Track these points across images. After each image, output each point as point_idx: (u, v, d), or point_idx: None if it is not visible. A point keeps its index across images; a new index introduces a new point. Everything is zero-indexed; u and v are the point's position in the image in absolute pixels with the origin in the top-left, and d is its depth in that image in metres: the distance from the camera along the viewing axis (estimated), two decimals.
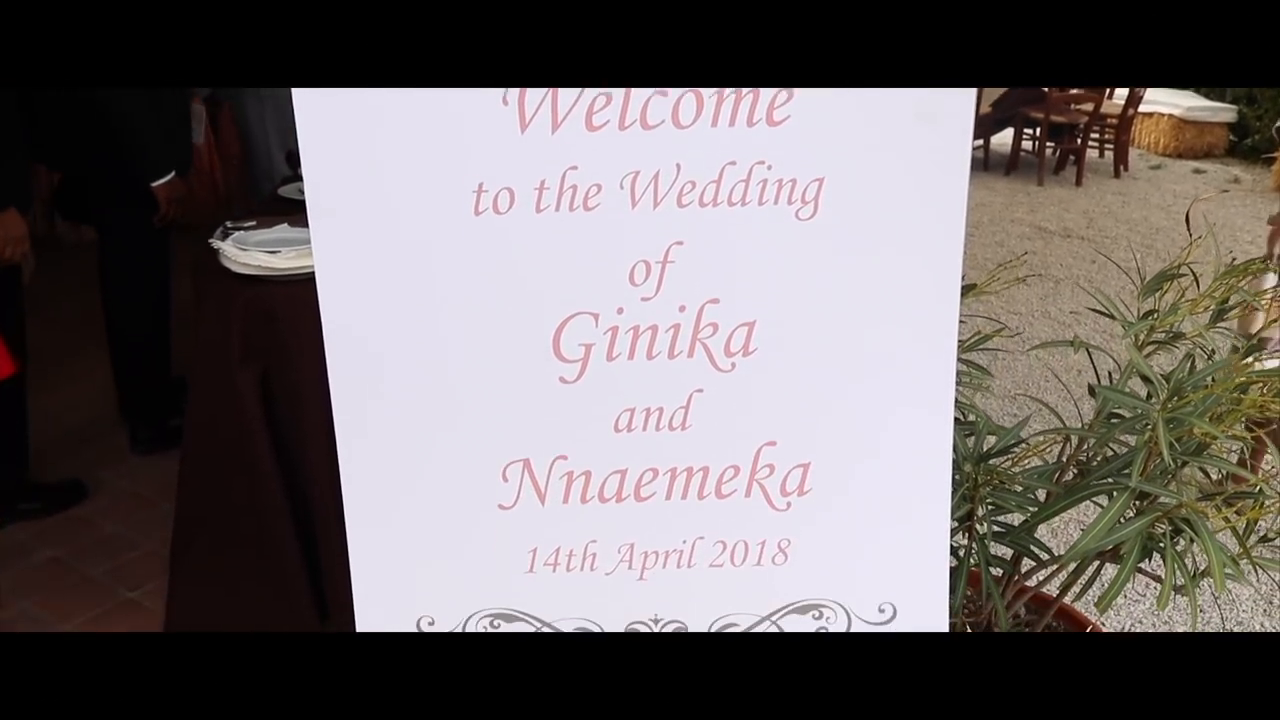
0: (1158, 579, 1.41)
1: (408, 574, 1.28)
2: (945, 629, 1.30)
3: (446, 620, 1.28)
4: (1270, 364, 1.41)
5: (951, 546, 1.37)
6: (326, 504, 1.95)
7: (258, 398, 1.92)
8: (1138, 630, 1.64)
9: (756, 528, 1.25)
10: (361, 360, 1.23)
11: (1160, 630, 1.54)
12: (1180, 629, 1.54)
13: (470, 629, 1.28)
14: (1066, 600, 1.64)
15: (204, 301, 2.03)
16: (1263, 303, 1.51)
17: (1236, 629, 2.30)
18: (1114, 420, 1.44)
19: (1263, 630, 2.29)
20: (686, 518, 1.25)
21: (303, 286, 1.81)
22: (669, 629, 1.28)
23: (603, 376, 1.21)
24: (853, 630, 1.28)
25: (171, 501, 2.12)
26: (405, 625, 1.29)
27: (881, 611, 1.29)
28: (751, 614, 1.28)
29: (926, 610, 1.29)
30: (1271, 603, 2.38)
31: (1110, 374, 1.58)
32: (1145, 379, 1.36)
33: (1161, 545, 1.40)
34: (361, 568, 1.29)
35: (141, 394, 2.93)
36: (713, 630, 1.28)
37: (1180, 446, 1.37)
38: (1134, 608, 2.36)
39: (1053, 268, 4.83)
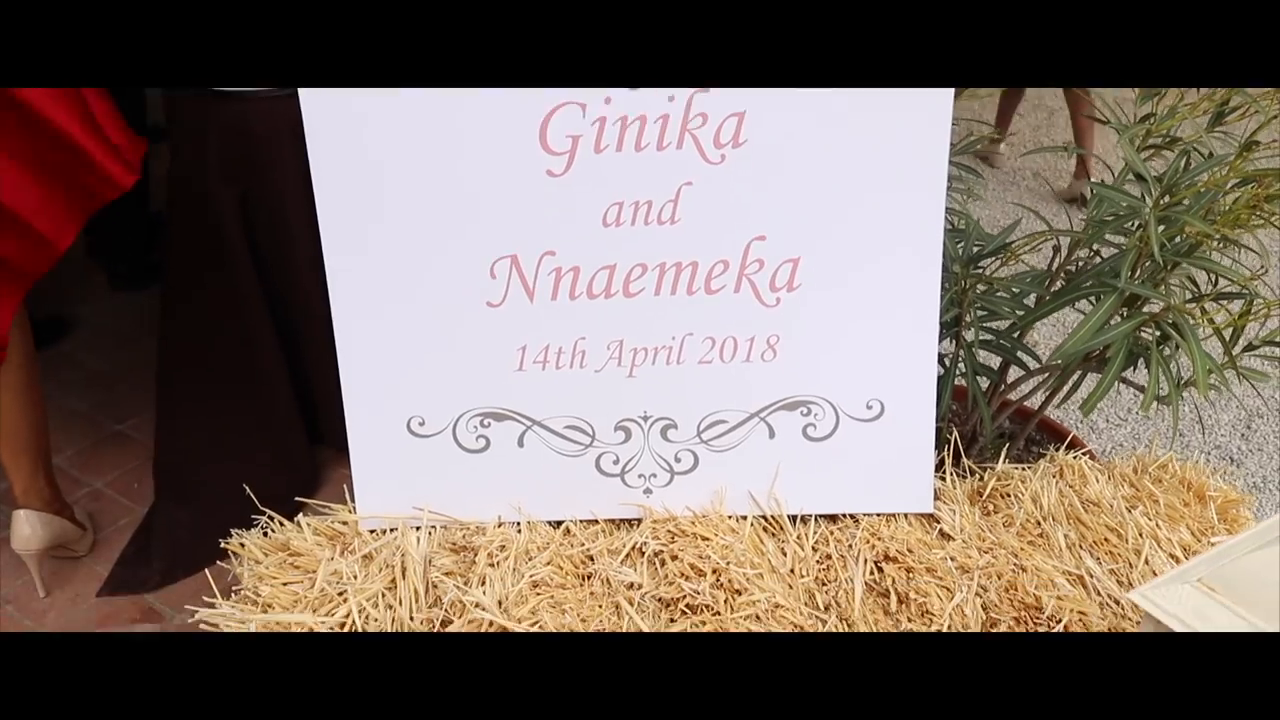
0: (1141, 389, 1.42)
1: (397, 376, 1.28)
2: (933, 427, 1.31)
3: (436, 420, 1.28)
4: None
5: (939, 354, 1.37)
6: (314, 326, 1.93)
7: (238, 220, 1.88)
8: (1117, 452, 1.66)
9: (745, 324, 1.25)
10: (346, 163, 1.20)
11: (1139, 451, 1.56)
12: (1160, 454, 1.55)
13: (460, 429, 1.28)
14: (1051, 408, 1.66)
15: (177, 123, 1.97)
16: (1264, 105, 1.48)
17: (1214, 452, 2.34)
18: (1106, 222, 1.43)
19: (1238, 453, 2.34)
20: (675, 314, 1.24)
21: (280, 102, 1.76)
22: (658, 426, 1.28)
23: (590, 169, 1.18)
24: (840, 427, 1.29)
25: (154, 337, 2.10)
26: (395, 427, 1.29)
27: (869, 408, 1.29)
28: (740, 410, 1.28)
29: (914, 408, 1.30)
30: (1250, 427, 2.42)
31: (1103, 182, 1.56)
32: (1139, 178, 1.34)
33: (1148, 350, 1.40)
34: (350, 373, 1.29)
35: (119, 229, 2.87)
36: (701, 427, 1.29)
37: (1171, 247, 1.36)
38: (1115, 431, 2.40)
39: (1046, 97, 4.73)
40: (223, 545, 1.31)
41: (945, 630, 1.18)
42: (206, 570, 1.36)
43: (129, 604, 1.94)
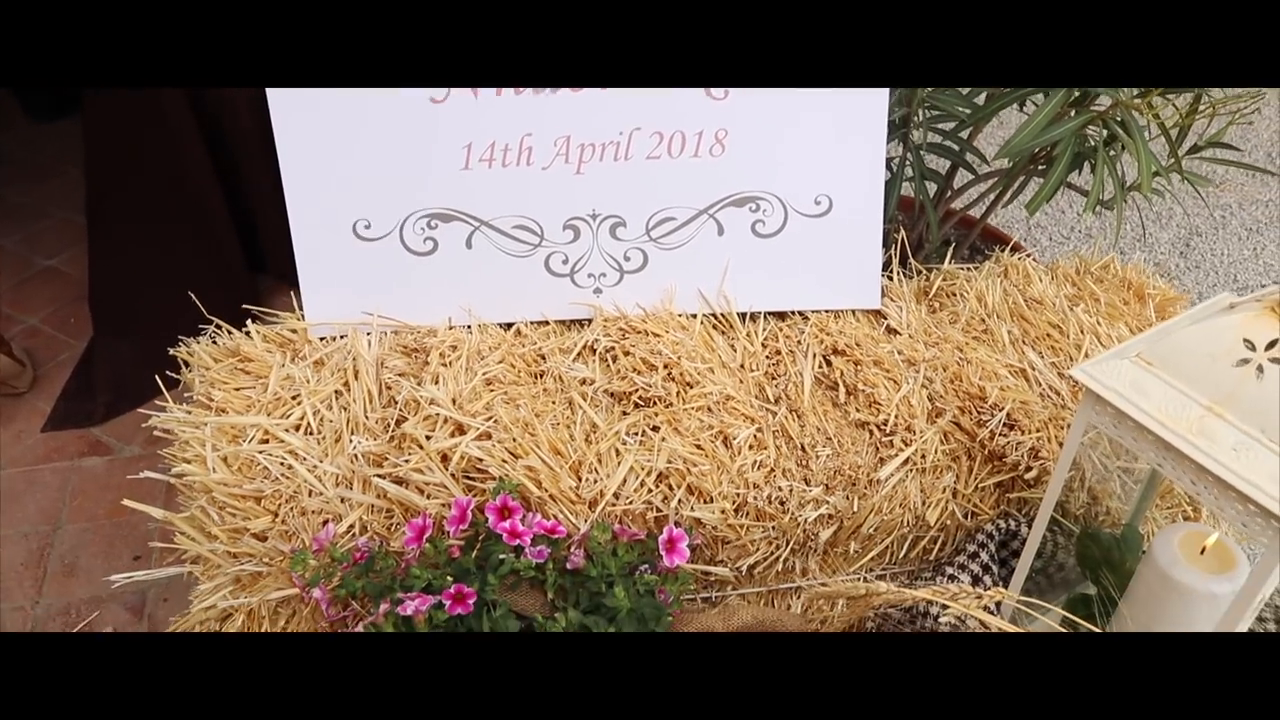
0: (1086, 193, 1.43)
1: (341, 180, 1.25)
2: (880, 222, 1.31)
3: (382, 223, 1.26)
4: None
5: (887, 158, 1.36)
6: (250, 145, 1.88)
7: None
8: (1057, 263, 1.68)
9: (693, 118, 1.23)
10: None
11: (1081, 250, 1.58)
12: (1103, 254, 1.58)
13: (407, 231, 1.26)
14: (997, 209, 1.67)
15: None
16: None
17: (1154, 269, 2.39)
18: None
19: (1176, 270, 2.39)
20: (622, 108, 1.21)
21: None
22: (607, 224, 1.27)
23: None
24: (788, 223, 1.29)
25: (79, 168, 2.02)
26: (341, 231, 1.26)
27: (817, 204, 1.29)
28: (689, 207, 1.27)
29: (862, 202, 1.29)
30: (1189, 245, 2.47)
31: None
32: None
33: (1094, 152, 1.41)
34: (293, 176, 1.25)
35: None
36: (650, 225, 1.28)
37: None
38: (1058, 249, 2.43)
39: None
40: (171, 353, 1.29)
41: (892, 420, 1.21)
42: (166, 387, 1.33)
43: (75, 438, 1.92)
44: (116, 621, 1.59)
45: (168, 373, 1.29)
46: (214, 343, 1.29)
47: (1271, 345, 0.94)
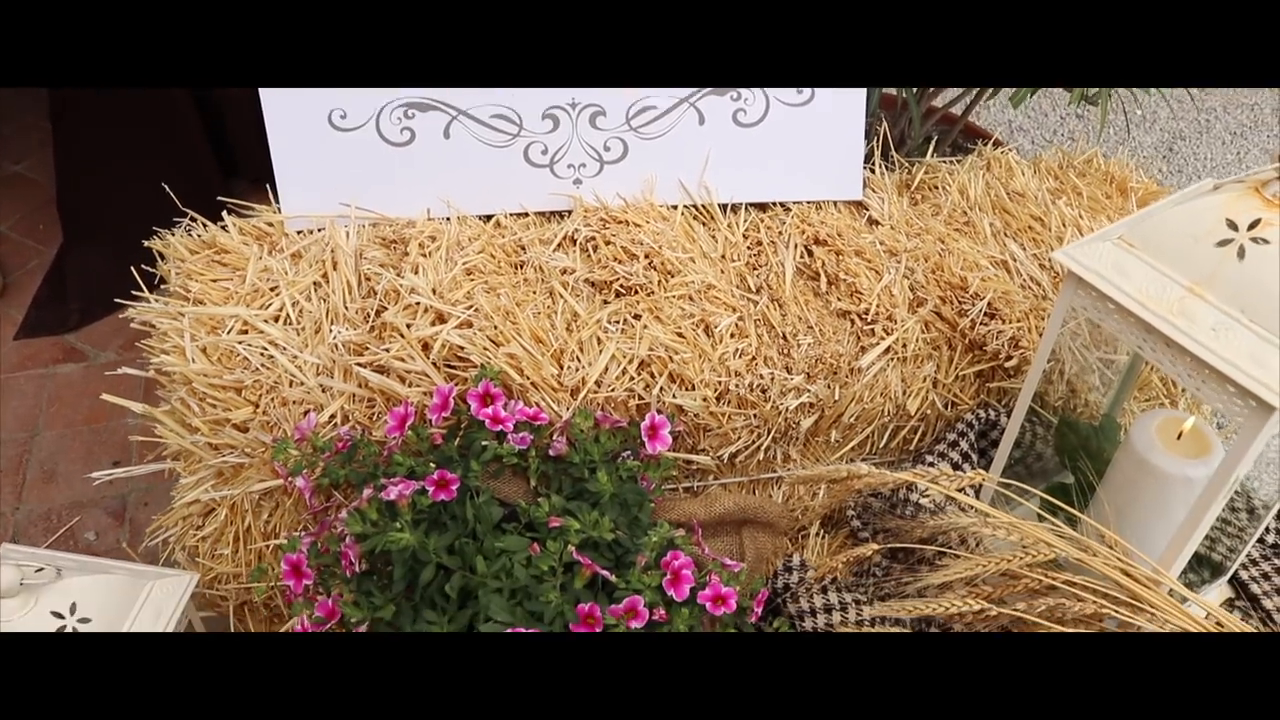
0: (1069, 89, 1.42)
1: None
2: (863, 112, 1.29)
3: (358, 113, 1.23)
4: None
5: None
6: None
7: None
8: (1040, 157, 1.66)
9: None
10: None
11: (1050, 149, 1.57)
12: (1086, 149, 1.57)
13: (384, 121, 1.24)
14: (980, 104, 1.65)
15: None
16: None
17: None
18: None
19: (1159, 174, 2.39)
20: None
21: None
22: (586, 113, 1.25)
23: None
24: (770, 113, 1.27)
25: None
26: (316, 121, 1.24)
27: (800, 93, 1.27)
28: (669, 95, 1.25)
29: (844, 92, 1.28)
30: (1172, 149, 2.46)
31: None
32: None
33: None
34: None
35: None
36: (630, 114, 1.26)
37: None
38: (1041, 151, 2.42)
39: None
40: (146, 245, 1.27)
41: (873, 309, 1.21)
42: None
43: (49, 345, 1.91)
44: (98, 526, 1.59)
45: (144, 267, 1.27)
46: (189, 235, 1.27)
47: (1254, 225, 0.94)
